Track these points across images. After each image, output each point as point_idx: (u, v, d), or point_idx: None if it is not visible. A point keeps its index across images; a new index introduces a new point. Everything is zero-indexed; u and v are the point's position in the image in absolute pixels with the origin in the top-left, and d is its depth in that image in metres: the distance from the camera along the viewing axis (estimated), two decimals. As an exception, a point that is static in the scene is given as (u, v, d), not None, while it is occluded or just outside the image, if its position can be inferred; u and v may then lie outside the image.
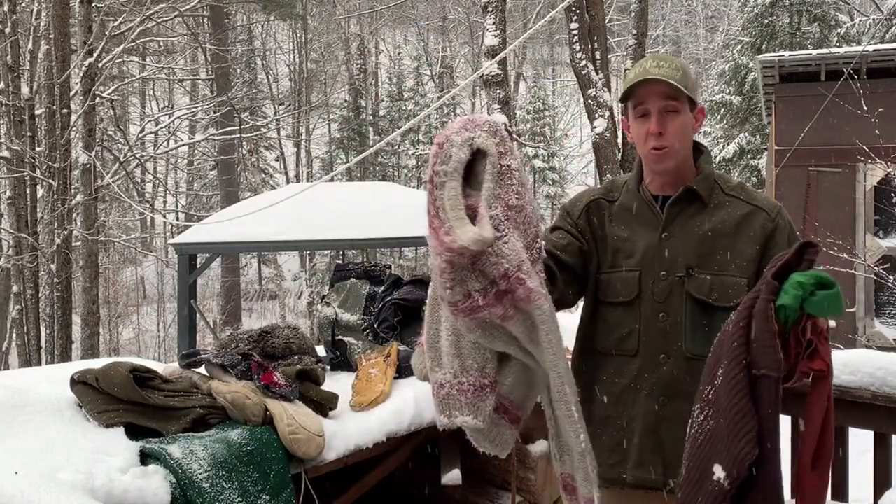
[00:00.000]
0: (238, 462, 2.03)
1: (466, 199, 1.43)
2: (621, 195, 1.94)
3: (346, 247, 11.81)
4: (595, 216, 1.94)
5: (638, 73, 1.80)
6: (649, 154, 1.82)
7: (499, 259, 1.39)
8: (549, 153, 28.14)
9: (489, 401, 1.54)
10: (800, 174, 9.06)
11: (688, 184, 1.83)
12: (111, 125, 17.75)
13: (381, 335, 2.90)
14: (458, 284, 1.40)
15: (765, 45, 18.92)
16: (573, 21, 10.83)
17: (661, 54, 1.90)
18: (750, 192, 1.87)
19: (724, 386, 1.41)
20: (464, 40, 36.33)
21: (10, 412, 1.97)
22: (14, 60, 10.21)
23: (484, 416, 1.54)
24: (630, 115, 1.87)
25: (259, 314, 27.52)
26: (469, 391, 1.51)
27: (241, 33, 30.62)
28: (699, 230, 1.81)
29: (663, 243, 1.82)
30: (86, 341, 9.76)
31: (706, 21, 40.07)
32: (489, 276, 1.39)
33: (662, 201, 1.86)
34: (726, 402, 1.40)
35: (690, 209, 1.84)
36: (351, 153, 30.09)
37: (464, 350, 1.51)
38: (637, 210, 1.89)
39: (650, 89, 1.78)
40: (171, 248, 9.90)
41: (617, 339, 1.84)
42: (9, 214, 10.54)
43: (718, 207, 1.83)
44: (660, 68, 1.77)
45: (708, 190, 1.84)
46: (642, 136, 1.82)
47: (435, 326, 1.53)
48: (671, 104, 1.79)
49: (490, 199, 1.44)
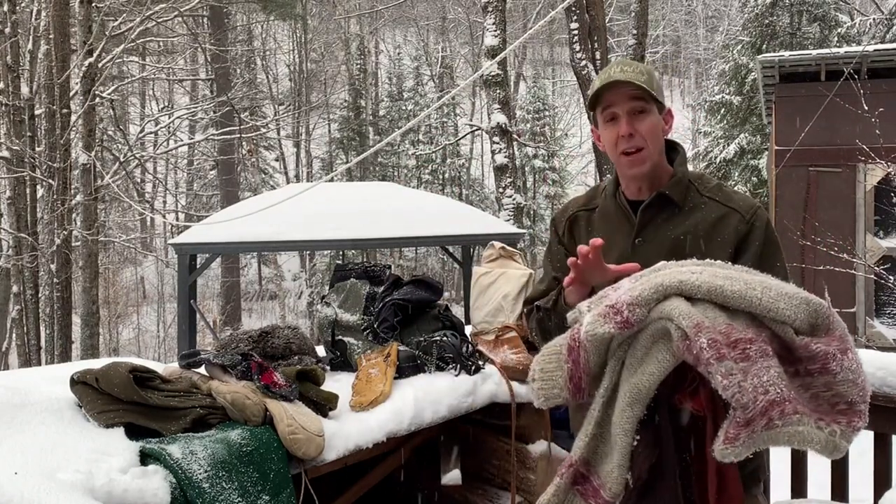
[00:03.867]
0: (238, 462, 2.03)
1: None
2: (601, 201, 1.94)
3: (346, 247, 11.81)
4: (576, 231, 1.96)
5: (603, 78, 1.80)
6: (621, 159, 1.81)
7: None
8: (549, 153, 28.15)
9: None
10: (800, 174, 9.07)
11: (660, 190, 1.81)
12: (111, 125, 17.76)
13: (381, 335, 2.90)
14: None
15: (765, 45, 18.94)
16: (573, 21, 10.84)
17: (624, 59, 1.89)
18: (727, 194, 1.84)
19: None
20: (464, 40, 36.37)
21: (10, 412, 1.97)
22: (14, 60, 10.21)
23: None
24: (599, 123, 1.86)
25: (259, 314, 27.54)
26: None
27: (240, 33, 30.65)
28: (671, 234, 1.79)
29: (636, 250, 1.81)
30: (86, 341, 9.76)
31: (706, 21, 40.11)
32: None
33: (635, 206, 1.85)
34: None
35: (664, 213, 1.82)
36: (351, 153, 30.12)
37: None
38: (614, 216, 1.89)
39: (617, 92, 1.77)
40: (171, 248, 9.89)
41: None
42: (9, 214, 10.54)
43: (694, 210, 1.81)
44: (624, 73, 1.77)
45: (682, 193, 1.82)
46: (613, 141, 1.81)
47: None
48: (639, 105, 1.78)
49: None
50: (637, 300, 1.38)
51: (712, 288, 1.35)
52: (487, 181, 30.94)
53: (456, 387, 2.69)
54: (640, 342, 1.40)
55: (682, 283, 1.38)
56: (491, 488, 3.01)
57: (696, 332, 1.29)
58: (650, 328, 1.39)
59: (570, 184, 29.35)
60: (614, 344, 1.43)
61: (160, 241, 26.88)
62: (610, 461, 1.44)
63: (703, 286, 1.36)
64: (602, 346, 1.43)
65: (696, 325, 1.30)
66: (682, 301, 1.36)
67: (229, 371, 2.28)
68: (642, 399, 1.39)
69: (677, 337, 1.33)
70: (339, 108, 32.54)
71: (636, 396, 1.39)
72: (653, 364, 1.38)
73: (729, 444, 1.26)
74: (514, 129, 14.09)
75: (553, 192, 27.66)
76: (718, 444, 1.27)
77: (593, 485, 1.47)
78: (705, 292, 1.35)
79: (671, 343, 1.35)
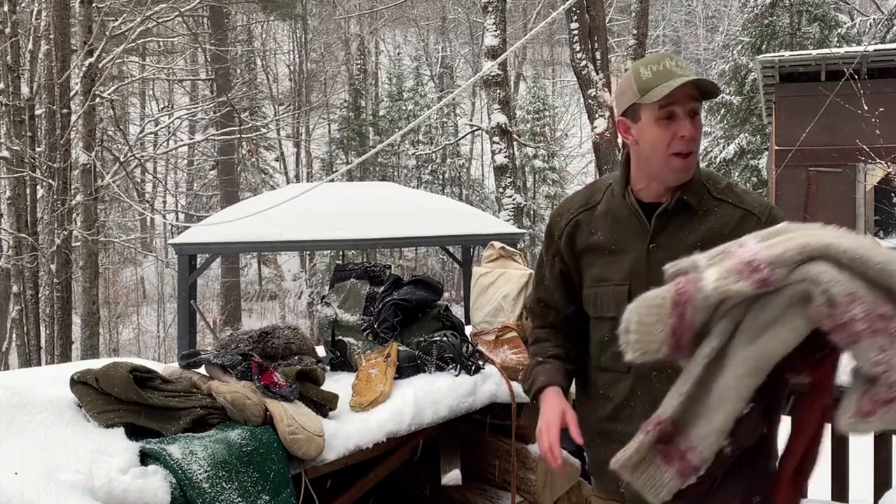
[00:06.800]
0: (238, 462, 2.03)
1: None
2: (604, 200, 1.84)
3: (346, 247, 11.82)
4: (578, 238, 1.86)
5: (660, 72, 1.67)
6: (672, 160, 1.69)
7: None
8: (549, 153, 28.15)
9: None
10: (800, 174, 9.07)
11: (678, 194, 1.73)
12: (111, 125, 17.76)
13: (381, 335, 2.90)
14: None
15: (765, 45, 18.95)
16: (573, 21, 10.83)
17: (668, 55, 1.77)
18: (739, 195, 1.77)
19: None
20: (464, 40, 36.35)
21: (10, 412, 1.97)
22: (14, 60, 10.20)
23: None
24: (645, 117, 1.70)
25: (259, 314, 27.53)
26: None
27: (240, 33, 30.64)
28: (688, 240, 1.71)
29: (650, 256, 1.73)
30: (86, 341, 9.76)
31: (706, 21, 40.08)
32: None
33: (649, 209, 1.76)
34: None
35: (679, 218, 1.75)
36: (351, 153, 30.12)
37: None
38: (624, 219, 1.79)
39: (682, 90, 1.65)
40: (171, 248, 9.90)
41: (610, 354, 1.78)
42: (9, 215, 10.53)
43: (708, 215, 1.74)
44: (681, 68, 1.67)
45: (698, 197, 1.75)
46: (666, 140, 1.67)
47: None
48: (697, 106, 1.69)
49: None
50: (779, 259, 1.29)
51: (856, 256, 1.27)
52: (487, 181, 30.94)
53: (456, 387, 2.69)
54: (772, 304, 1.31)
55: (829, 246, 1.28)
56: (491, 488, 3.01)
57: (849, 301, 1.24)
58: (787, 290, 1.30)
59: (570, 184, 29.34)
60: (729, 303, 1.34)
61: (160, 241, 26.85)
62: (707, 425, 1.35)
63: (849, 252, 1.28)
64: (714, 304, 1.34)
65: (851, 294, 1.24)
66: (830, 265, 1.27)
67: (229, 371, 2.28)
68: (768, 366, 1.32)
69: (821, 302, 1.26)
70: (339, 108, 32.54)
71: (762, 363, 1.31)
72: (787, 330, 1.30)
73: (862, 418, 1.23)
74: (514, 129, 14.08)
75: (553, 192, 27.65)
76: (848, 416, 1.24)
77: (679, 448, 1.38)
78: (849, 259, 1.27)
79: (806, 308, 1.28)
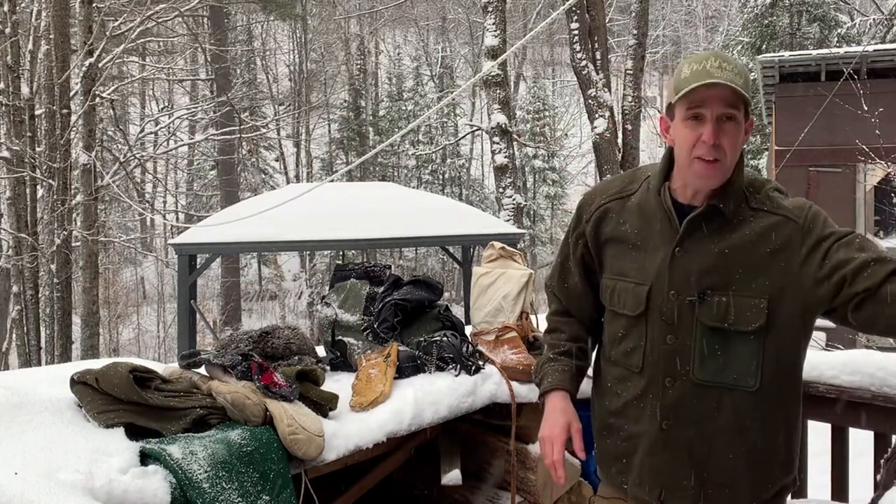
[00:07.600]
0: (238, 462, 2.03)
1: None
2: (639, 192, 1.77)
3: (346, 247, 11.82)
4: (605, 226, 1.80)
5: (697, 71, 1.58)
6: (694, 164, 1.62)
7: None
8: (549, 153, 28.16)
9: None
10: (800, 174, 9.06)
11: (712, 200, 1.65)
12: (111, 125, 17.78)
13: (381, 335, 2.90)
14: None
15: (765, 45, 18.94)
16: (574, 21, 10.84)
17: (722, 53, 1.65)
18: (776, 201, 1.68)
19: None
20: (464, 40, 36.34)
21: (10, 412, 1.97)
22: (14, 60, 10.20)
23: None
24: (677, 116, 1.64)
25: (259, 314, 27.53)
26: None
27: (240, 33, 30.67)
28: (715, 249, 1.65)
29: (675, 260, 1.67)
30: (86, 341, 9.76)
31: (706, 21, 40.09)
32: None
33: (682, 210, 1.69)
34: None
35: (711, 225, 1.66)
36: (351, 153, 30.13)
37: None
38: (654, 215, 1.72)
39: (711, 92, 1.57)
40: (171, 248, 9.89)
41: (622, 351, 1.76)
42: (9, 215, 10.54)
43: (742, 223, 1.66)
44: (722, 70, 1.57)
45: (733, 204, 1.66)
46: (690, 142, 1.61)
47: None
48: (730, 112, 1.59)
49: None
50: None
51: None
52: (487, 181, 30.94)
53: (456, 387, 2.68)
54: None
55: None
56: (491, 488, 3.01)
57: None
58: None
59: (570, 184, 29.35)
60: None
61: (160, 241, 26.87)
62: None
63: None
64: None
65: None
66: None
67: (229, 371, 2.28)
68: None
69: None
70: (339, 109, 32.54)
71: None
72: None
73: None
74: (514, 129, 14.08)
75: (553, 192, 27.66)
76: None
77: None
78: None
79: None
